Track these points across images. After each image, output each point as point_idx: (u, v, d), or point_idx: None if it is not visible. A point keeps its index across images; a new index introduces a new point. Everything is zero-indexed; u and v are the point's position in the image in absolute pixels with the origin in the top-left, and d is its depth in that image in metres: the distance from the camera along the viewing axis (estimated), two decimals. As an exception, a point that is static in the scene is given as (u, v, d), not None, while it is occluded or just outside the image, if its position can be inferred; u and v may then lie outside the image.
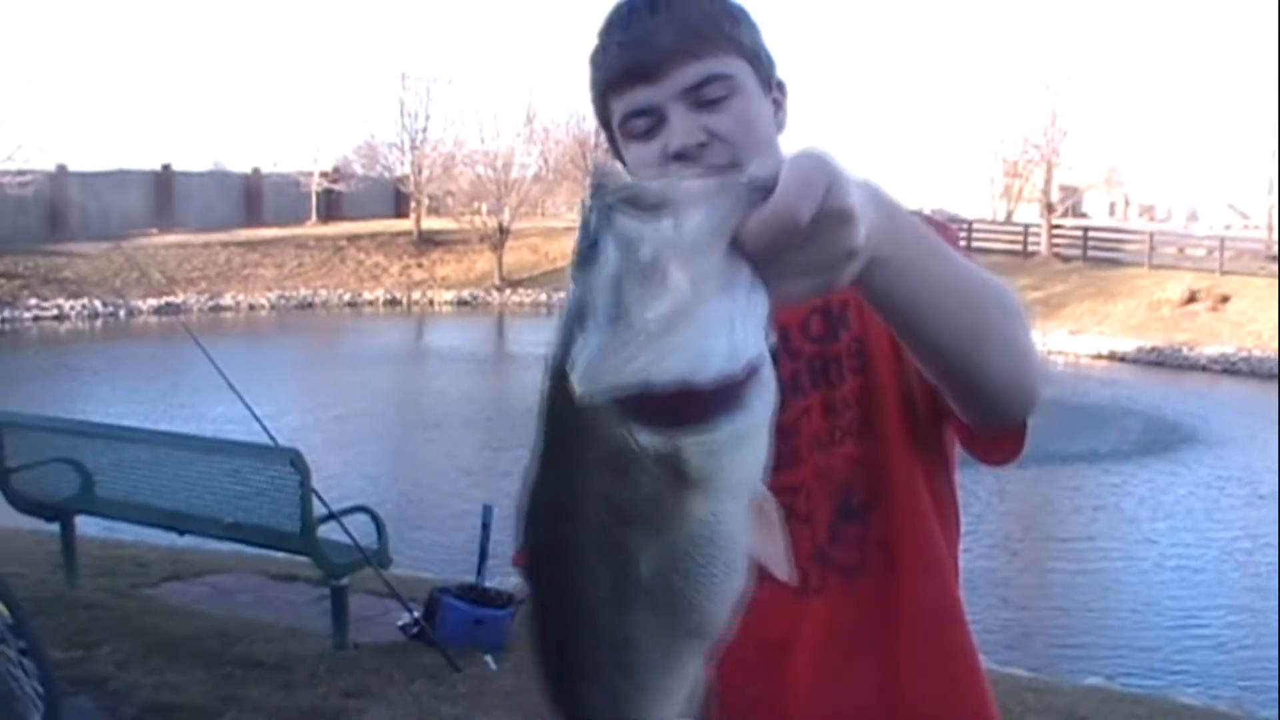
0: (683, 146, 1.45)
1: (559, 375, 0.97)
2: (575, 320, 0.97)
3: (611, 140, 1.58)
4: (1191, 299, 33.73)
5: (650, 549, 0.99)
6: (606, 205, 0.96)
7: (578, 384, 0.96)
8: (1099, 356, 31.91)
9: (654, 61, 1.46)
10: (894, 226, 1.05)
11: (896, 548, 1.53)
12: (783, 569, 1.04)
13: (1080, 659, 9.77)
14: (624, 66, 1.48)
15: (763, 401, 0.97)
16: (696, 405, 0.93)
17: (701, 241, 0.94)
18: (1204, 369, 30.06)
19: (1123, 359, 31.41)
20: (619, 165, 1.10)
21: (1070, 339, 32.88)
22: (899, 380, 1.48)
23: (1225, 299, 33.17)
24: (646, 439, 0.95)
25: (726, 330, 0.94)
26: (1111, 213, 73.91)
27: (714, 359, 0.93)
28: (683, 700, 1.10)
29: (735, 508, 0.99)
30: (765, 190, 0.94)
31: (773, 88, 1.54)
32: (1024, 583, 12.39)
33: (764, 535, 1.03)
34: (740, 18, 1.52)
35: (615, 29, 1.51)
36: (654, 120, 1.48)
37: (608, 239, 0.95)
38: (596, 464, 0.97)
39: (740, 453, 0.97)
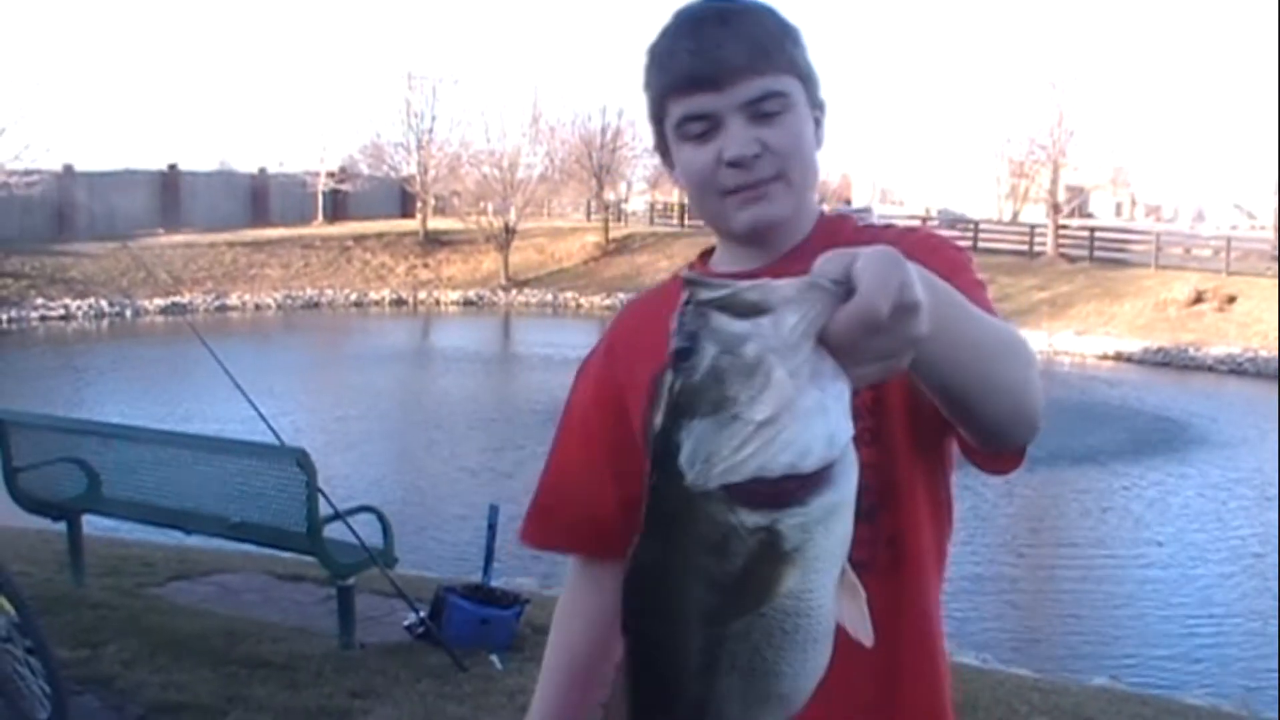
0: (739, 156, 1.54)
1: (663, 460, 1.06)
2: (680, 413, 1.05)
3: (660, 135, 1.66)
4: (1198, 299, 33.70)
5: (744, 620, 1.06)
6: (704, 306, 1.04)
7: (692, 475, 1.04)
8: (1105, 357, 31.89)
9: (721, 73, 1.54)
10: (935, 301, 1.11)
11: (899, 546, 1.58)
12: (866, 636, 1.13)
13: (1087, 660, 9.77)
14: (692, 73, 1.55)
15: (848, 479, 1.06)
16: (797, 487, 1.02)
17: (797, 339, 1.02)
18: (1210, 369, 30.04)
19: (1129, 359, 31.39)
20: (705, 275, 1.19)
21: (1076, 339, 32.87)
22: (907, 393, 1.51)
23: (1232, 299, 33.13)
24: (748, 518, 1.03)
25: (822, 418, 1.03)
26: (1118, 213, 73.92)
27: (817, 447, 1.02)
28: None
29: (825, 580, 1.08)
30: (845, 287, 1.03)
31: (815, 106, 1.63)
32: (1031, 584, 12.38)
33: (848, 603, 1.12)
34: (797, 39, 1.61)
35: (685, 35, 1.58)
36: (710, 125, 1.56)
37: (708, 339, 1.03)
38: (698, 542, 1.05)
39: (830, 526, 1.05)
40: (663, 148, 1.66)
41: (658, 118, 1.65)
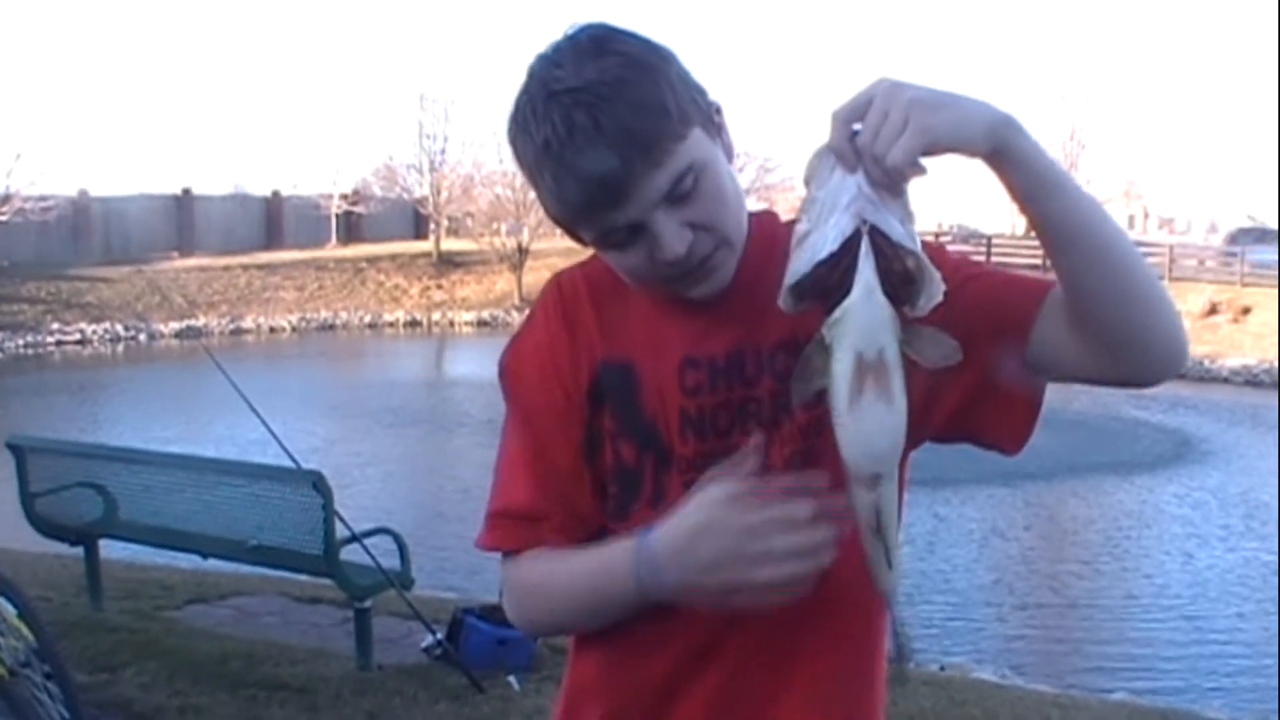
0: (674, 256, 1.42)
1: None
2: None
3: (573, 235, 1.51)
4: (1213, 311, 33.60)
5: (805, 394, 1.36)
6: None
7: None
8: (1120, 370, 31.70)
9: (621, 190, 1.39)
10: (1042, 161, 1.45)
11: (831, 576, 1.42)
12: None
13: (1106, 674, 9.72)
14: (589, 201, 1.41)
15: (856, 282, 1.28)
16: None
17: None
18: (1226, 381, 29.91)
19: (1144, 372, 31.18)
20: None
21: (1091, 353, 32.72)
22: None
23: (1246, 310, 33.03)
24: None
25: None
26: (1131, 225, 73.63)
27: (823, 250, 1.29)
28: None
29: (845, 356, 1.30)
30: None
31: (711, 124, 1.48)
32: (1050, 598, 12.32)
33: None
34: (669, 79, 1.42)
35: (566, 153, 1.38)
36: (632, 230, 1.43)
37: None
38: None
39: (846, 320, 1.29)
40: (578, 239, 1.50)
41: (573, 234, 1.49)
